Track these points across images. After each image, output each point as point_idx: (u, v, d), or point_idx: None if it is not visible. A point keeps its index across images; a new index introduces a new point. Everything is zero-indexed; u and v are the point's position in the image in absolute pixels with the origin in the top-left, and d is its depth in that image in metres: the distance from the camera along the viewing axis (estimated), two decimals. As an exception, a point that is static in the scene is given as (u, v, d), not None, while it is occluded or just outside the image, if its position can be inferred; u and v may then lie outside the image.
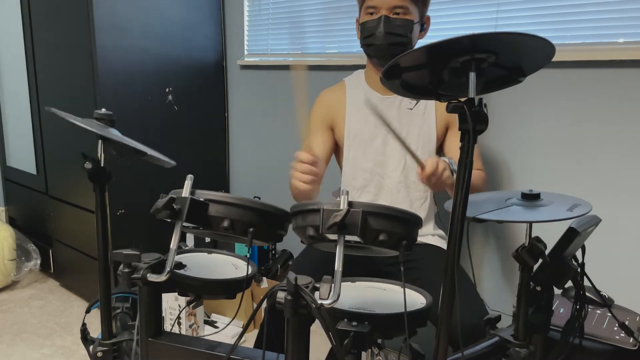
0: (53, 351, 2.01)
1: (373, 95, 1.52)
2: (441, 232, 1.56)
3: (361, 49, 1.49)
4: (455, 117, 0.74)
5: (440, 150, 1.56)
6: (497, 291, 1.78)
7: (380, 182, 1.52)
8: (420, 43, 1.49)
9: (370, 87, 1.53)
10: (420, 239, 1.49)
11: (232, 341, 0.95)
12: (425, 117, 1.49)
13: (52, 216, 2.56)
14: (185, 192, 0.87)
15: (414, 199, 1.50)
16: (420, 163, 1.22)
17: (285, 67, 2.31)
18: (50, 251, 2.63)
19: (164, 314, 2.01)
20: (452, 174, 1.27)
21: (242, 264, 1.13)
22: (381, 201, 1.52)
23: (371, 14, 1.41)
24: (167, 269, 0.88)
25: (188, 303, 1.08)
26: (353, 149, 1.53)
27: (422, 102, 1.49)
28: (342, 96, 1.56)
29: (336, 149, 1.63)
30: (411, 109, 1.49)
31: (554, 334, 1.04)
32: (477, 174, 1.51)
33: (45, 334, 2.14)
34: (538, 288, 0.97)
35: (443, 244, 1.50)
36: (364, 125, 1.52)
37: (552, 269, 0.96)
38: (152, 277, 0.89)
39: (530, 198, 0.94)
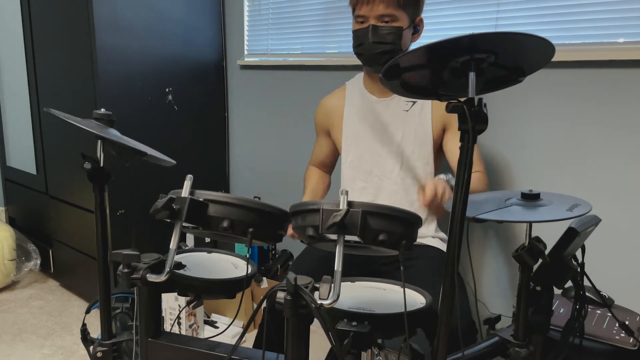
0: (53, 351, 2.01)
1: (368, 98, 1.53)
2: (442, 235, 1.55)
3: None
4: (453, 118, 0.74)
5: (439, 152, 1.56)
6: (497, 291, 1.78)
7: (378, 183, 1.52)
8: (414, 45, 1.49)
9: (367, 91, 1.55)
10: (419, 240, 1.49)
11: (232, 341, 0.95)
12: (421, 119, 1.49)
13: (52, 216, 2.56)
14: (185, 192, 0.87)
15: (413, 200, 1.50)
16: (420, 187, 1.20)
17: (285, 67, 2.31)
18: (50, 251, 2.62)
19: (164, 314, 2.01)
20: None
21: (242, 264, 1.13)
22: (380, 202, 1.51)
23: (361, 22, 1.42)
24: (167, 269, 0.88)
25: (188, 303, 1.08)
26: (351, 151, 1.55)
27: (418, 103, 1.49)
28: (340, 101, 1.59)
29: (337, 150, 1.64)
30: (407, 111, 1.49)
31: (554, 334, 1.04)
32: (477, 178, 1.50)
33: (45, 334, 2.14)
34: (538, 288, 0.97)
35: (443, 247, 1.50)
36: (360, 128, 1.53)
37: (552, 269, 0.96)
38: (152, 278, 0.89)
39: (530, 198, 0.94)
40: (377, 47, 1.40)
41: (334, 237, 0.81)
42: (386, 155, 1.51)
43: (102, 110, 1.05)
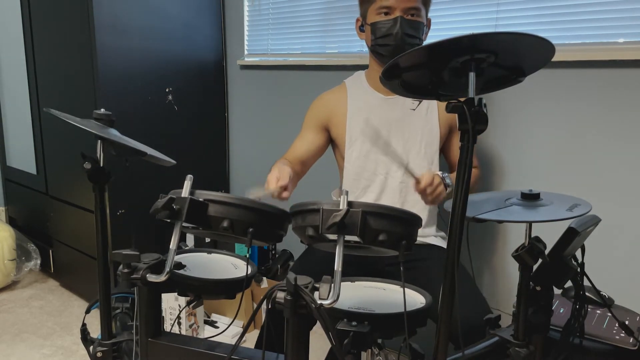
0: (53, 351, 2.01)
1: (375, 96, 1.52)
2: (443, 234, 1.55)
3: (361, 49, 1.49)
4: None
5: (442, 151, 1.56)
6: (497, 291, 1.78)
7: (383, 182, 1.52)
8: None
9: (372, 88, 1.53)
10: (422, 240, 1.49)
11: (232, 341, 0.95)
12: (428, 117, 1.49)
13: (52, 216, 2.56)
14: (185, 192, 0.87)
15: (418, 199, 1.50)
16: (415, 177, 1.28)
17: (285, 67, 2.31)
18: (50, 251, 2.63)
19: (164, 314, 2.01)
20: (446, 188, 1.31)
21: (242, 264, 1.13)
22: (384, 201, 1.52)
23: (385, 14, 1.40)
24: (167, 269, 0.88)
25: (188, 303, 1.08)
26: (355, 150, 1.53)
27: (425, 102, 1.49)
28: (342, 98, 1.56)
29: (335, 149, 1.63)
30: (414, 109, 1.49)
31: (554, 334, 1.04)
32: (472, 174, 1.50)
33: (45, 334, 2.14)
34: (538, 288, 0.97)
35: (445, 245, 1.50)
36: (366, 127, 1.52)
37: (552, 269, 0.96)
38: (152, 278, 0.89)
39: (530, 198, 0.94)
40: (406, 39, 1.38)
41: (334, 237, 0.81)
42: (392, 153, 1.51)
43: (102, 110, 1.05)
